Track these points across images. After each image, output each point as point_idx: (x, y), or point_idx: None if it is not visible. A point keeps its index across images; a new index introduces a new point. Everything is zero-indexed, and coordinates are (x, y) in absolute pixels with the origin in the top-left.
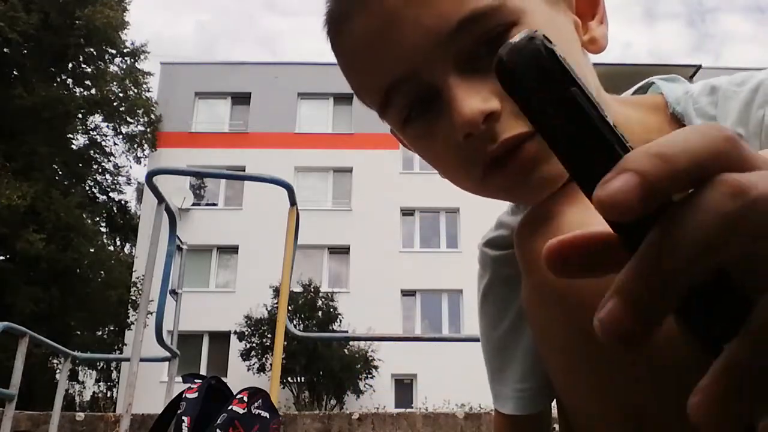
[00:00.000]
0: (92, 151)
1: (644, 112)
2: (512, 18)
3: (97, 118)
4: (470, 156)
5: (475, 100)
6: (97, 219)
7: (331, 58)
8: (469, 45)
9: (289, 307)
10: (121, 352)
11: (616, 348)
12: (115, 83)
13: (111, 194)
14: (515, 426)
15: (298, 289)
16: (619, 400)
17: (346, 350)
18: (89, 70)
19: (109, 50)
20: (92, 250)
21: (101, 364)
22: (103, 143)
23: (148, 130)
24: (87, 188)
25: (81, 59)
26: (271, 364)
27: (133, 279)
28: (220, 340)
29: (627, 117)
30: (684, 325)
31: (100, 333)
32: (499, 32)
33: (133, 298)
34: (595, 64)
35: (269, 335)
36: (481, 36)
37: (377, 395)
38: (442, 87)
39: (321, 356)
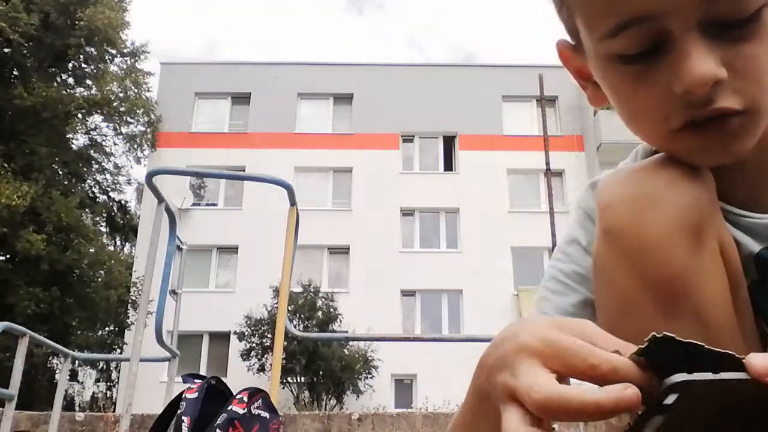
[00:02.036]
0: (92, 151)
1: None
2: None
3: (97, 118)
4: (674, 108)
5: (710, 62)
6: (97, 219)
7: (332, 58)
8: (723, 10)
9: (289, 307)
10: (121, 352)
11: (668, 298)
12: (115, 83)
13: (111, 194)
14: None
15: (298, 289)
16: None
17: (346, 350)
18: (89, 70)
19: (110, 50)
20: (92, 251)
21: (101, 364)
22: (103, 143)
23: (148, 130)
24: (87, 188)
25: (81, 59)
26: (271, 364)
27: (133, 279)
28: (220, 340)
29: None
30: None
31: (100, 333)
32: (757, 9)
33: (133, 298)
34: None
35: (269, 335)
36: (739, 7)
37: (377, 395)
38: (681, 38)
39: (321, 356)
